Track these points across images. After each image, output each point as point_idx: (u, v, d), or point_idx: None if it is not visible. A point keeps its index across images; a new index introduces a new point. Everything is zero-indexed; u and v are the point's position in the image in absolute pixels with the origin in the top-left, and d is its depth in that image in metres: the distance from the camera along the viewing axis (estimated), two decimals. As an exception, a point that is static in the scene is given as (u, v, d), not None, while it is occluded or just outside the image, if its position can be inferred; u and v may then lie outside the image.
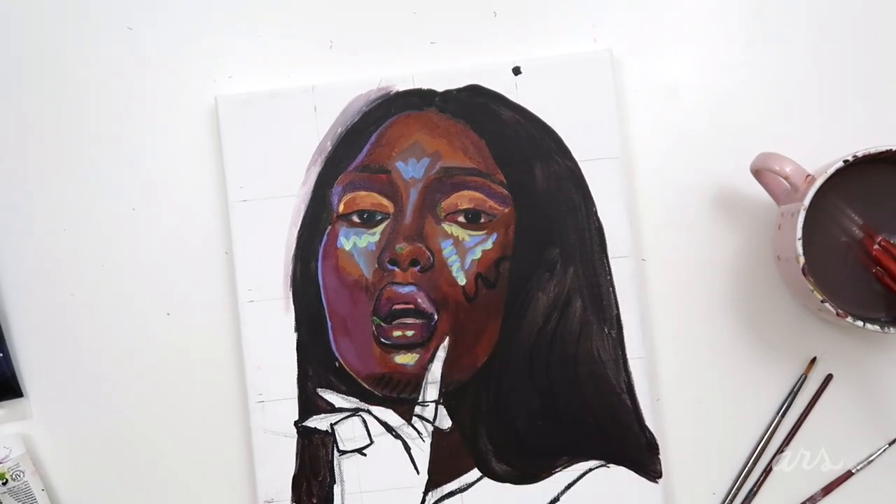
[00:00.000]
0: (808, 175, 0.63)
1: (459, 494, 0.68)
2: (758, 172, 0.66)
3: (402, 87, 0.70)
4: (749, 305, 0.70)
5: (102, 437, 0.70)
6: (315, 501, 0.68)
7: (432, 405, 0.69)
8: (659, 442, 0.68)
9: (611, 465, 0.68)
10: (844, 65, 0.71)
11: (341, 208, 0.70)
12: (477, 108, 0.70)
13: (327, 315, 0.69)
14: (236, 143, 0.70)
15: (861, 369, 0.69)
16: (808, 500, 0.69)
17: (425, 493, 0.68)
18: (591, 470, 0.68)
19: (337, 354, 0.69)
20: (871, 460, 0.69)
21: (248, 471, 0.70)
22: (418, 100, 0.70)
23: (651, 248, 0.70)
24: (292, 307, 0.69)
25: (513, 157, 0.69)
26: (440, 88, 0.70)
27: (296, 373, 0.69)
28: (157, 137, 0.72)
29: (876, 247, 0.63)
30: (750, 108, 0.71)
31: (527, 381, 0.68)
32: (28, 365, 0.71)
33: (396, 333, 0.69)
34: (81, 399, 0.71)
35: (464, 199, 0.69)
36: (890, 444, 0.69)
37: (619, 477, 0.68)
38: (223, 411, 0.70)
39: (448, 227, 0.69)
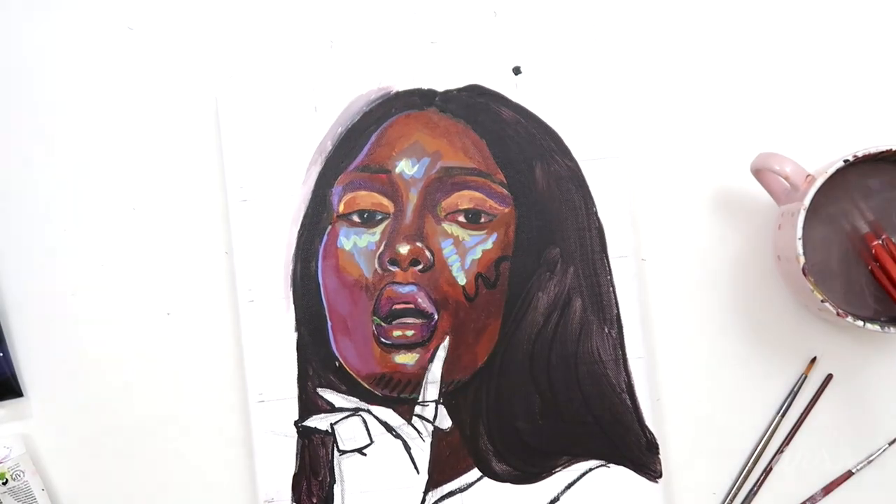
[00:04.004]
0: (809, 175, 0.63)
1: (459, 494, 0.68)
2: (758, 172, 0.66)
3: (402, 87, 0.70)
4: (749, 305, 0.70)
5: (102, 437, 0.70)
6: (315, 501, 0.68)
7: (432, 405, 0.68)
8: (659, 442, 0.68)
9: (611, 465, 0.68)
10: (844, 65, 0.71)
11: (341, 208, 0.70)
12: (477, 108, 0.70)
13: (327, 315, 0.69)
14: (236, 142, 0.70)
15: (861, 369, 0.69)
16: (808, 500, 0.69)
17: (425, 493, 0.68)
18: (591, 470, 0.68)
19: (337, 354, 0.69)
20: (871, 460, 0.69)
21: (248, 470, 0.70)
22: (418, 99, 0.70)
23: (651, 248, 0.70)
24: (292, 307, 0.69)
25: (513, 157, 0.69)
26: (440, 88, 0.70)
27: (296, 372, 0.69)
28: (157, 137, 0.72)
29: (876, 243, 0.63)
30: (750, 108, 0.71)
31: (527, 380, 0.68)
32: (28, 365, 0.71)
33: (396, 333, 0.69)
34: (81, 399, 0.70)
35: (464, 198, 0.69)
36: (890, 444, 0.69)
37: (619, 477, 0.68)
38: (223, 411, 0.70)
39: (448, 227, 0.69)
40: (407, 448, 0.69)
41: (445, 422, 0.69)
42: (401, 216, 0.69)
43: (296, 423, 0.69)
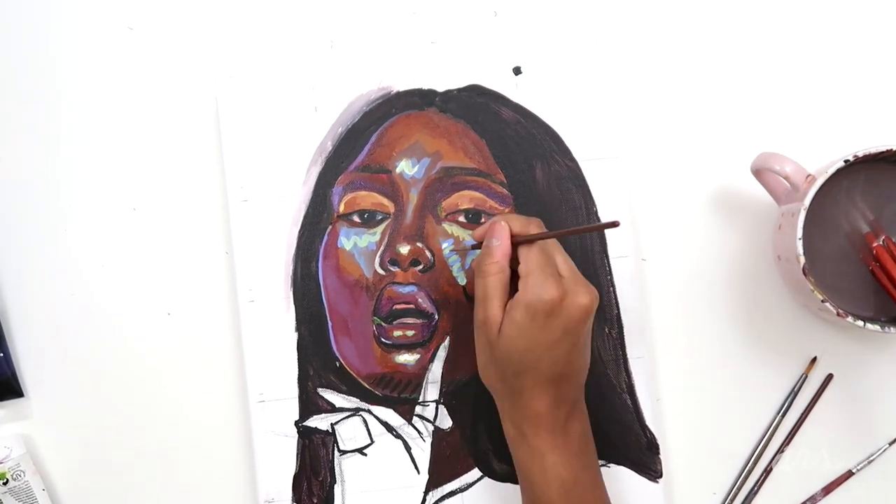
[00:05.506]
0: (809, 175, 0.63)
1: (460, 494, 0.68)
2: (758, 172, 0.66)
3: (402, 87, 0.70)
4: (749, 305, 0.70)
5: (102, 437, 0.70)
6: (316, 501, 0.68)
7: (433, 405, 0.69)
8: (659, 442, 0.68)
9: (611, 465, 0.68)
10: (844, 65, 0.71)
11: (342, 208, 0.70)
12: (477, 108, 0.70)
13: (328, 315, 0.69)
14: (236, 142, 0.70)
15: (861, 369, 0.70)
16: (808, 499, 0.69)
17: (426, 493, 0.68)
18: (591, 470, 0.68)
19: (337, 354, 0.69)
20: (871, 460, 0.69)
21: (248, 471, 0.69)
22: (419, 99, 0.70)
23: (651, 248, 0.70)
24: (293, 307, 0.69)
25: (513, 157, 0.69)
26: (440, 88, 0.70)
27: (296, 372, 0.69)
28: (157, 137, 0.72)
29: (877, 243, 0.63)
30: (750, 108, 0.71)
31: (527, 380, 0.68)
32: (28, 365, 0.71)
33: (397, 333, 0.69)
34: (81, 399, 0.70)
35: (464, 199, 0.69)
36: (890, 444, 0.69)
37: (619, 477, 0.68)
38: (223, 411, 0.70)
39: (448, 227, 0.69)
40: (407, 448, 0.69)
41: (446, 422, 0.69)
42: (401, 216, 0.69)
43: (296, 424, 0.69)
